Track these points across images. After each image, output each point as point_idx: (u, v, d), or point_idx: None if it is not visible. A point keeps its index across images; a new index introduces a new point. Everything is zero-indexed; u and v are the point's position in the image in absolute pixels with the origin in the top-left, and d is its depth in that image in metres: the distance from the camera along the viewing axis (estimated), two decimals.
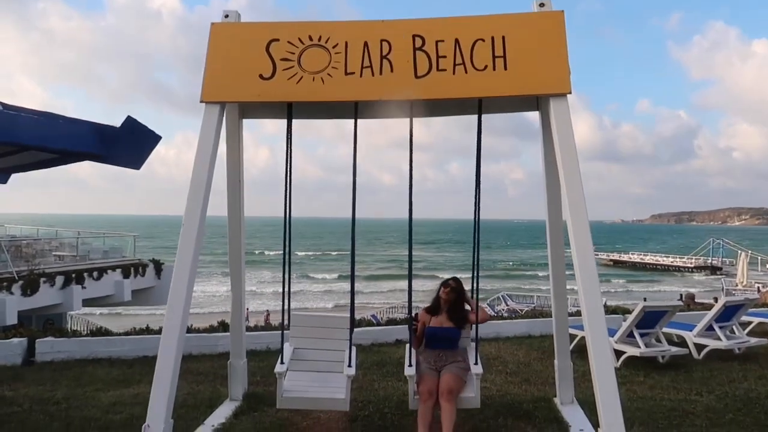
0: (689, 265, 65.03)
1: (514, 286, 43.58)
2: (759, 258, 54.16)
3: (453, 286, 5.31)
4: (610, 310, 10.68)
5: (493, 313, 18.16)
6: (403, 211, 5.05)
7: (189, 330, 8.74)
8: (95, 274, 17.71)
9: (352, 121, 5.04)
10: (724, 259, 64.56)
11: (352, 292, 5.34)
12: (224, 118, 4.98)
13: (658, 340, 7.81)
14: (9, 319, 13.82)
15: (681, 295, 28.03)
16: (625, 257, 72.82)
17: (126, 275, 18.86)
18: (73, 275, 16.83)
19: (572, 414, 5.46)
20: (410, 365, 4.91)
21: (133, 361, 7.95)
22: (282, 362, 5.01)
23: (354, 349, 5.32)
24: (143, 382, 6.84)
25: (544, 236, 5.64)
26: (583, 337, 8.12)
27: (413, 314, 5.25)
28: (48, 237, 21.92)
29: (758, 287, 33.47)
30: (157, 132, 7.79)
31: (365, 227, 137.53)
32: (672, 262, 67.75)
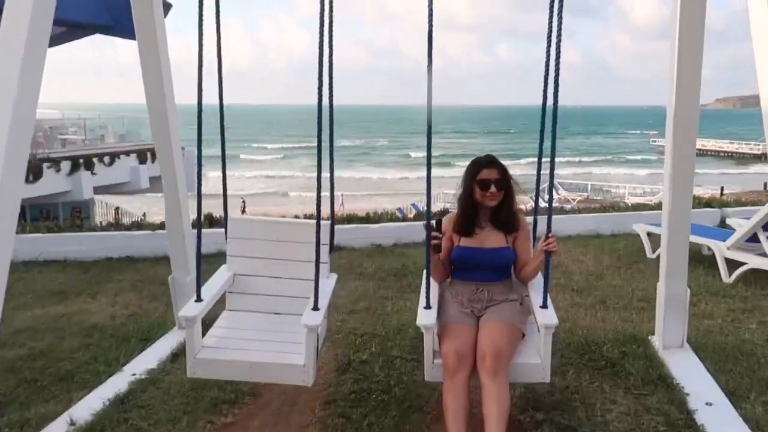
0: (755, 151, 59.81)
1: (564, 174, 40.53)
2: None
3: (498, 178, 2.89)
4: (703, 202, 8.35)
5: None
6: (452, 97, 2.81)
7: (161, 226, 7.03)
8: (106, 159, 16.29)
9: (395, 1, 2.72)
10: None
11: (319, 183, 2.67)
12: None
13: None
14: None
15: (765, 184, 24.85)
16: None
17: (142, 161, 17.39)
18: (81, 160, 15.46)
19: (685, 368, 3.47)
20: (428, 306, 2.73)
21: (93, 263, 6.37)
22: (199, 299, 2.81)
23: (334, 276, 3.28)
24: (84, 294, 5.24)
25: (596, 123, 3.42)
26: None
27: (432, 221, 2.80)
28: (70, 120, 20.44)
29: None
30: None
31: (412, 114, 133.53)
32: (737, 148, 62.59)
